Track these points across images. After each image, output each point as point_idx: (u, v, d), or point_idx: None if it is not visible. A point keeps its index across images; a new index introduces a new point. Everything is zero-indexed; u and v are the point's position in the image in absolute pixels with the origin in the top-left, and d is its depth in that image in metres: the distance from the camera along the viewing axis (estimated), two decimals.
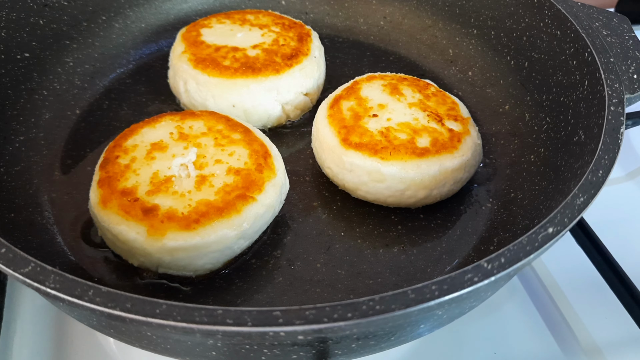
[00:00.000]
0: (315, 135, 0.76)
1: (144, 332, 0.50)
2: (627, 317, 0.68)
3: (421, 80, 0.81)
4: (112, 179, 0.64)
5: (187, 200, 0.62)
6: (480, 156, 0.76)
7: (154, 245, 0.59)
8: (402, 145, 0.70)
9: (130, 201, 0.61)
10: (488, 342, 0.68)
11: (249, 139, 0.70)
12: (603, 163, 0.57)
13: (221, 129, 0.70)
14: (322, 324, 0.43)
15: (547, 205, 0.65)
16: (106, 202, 0.62)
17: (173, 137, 0.69)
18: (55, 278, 0.46)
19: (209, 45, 0.83)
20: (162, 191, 0.63)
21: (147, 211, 0.61)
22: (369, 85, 0.79)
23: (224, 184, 0.64)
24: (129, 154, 0.67)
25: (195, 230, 0.60)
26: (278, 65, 0.81)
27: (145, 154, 0.67)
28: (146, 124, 0.71)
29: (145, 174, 0.64)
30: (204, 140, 0.69)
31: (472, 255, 0.69)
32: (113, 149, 0.67)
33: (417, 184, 0.69)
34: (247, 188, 0.64)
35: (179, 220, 0.60)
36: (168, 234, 0.59)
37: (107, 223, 0.61)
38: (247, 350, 0.50)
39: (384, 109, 0.75)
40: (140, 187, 0.63)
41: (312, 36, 0.88)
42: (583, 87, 0.69)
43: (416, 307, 0.44)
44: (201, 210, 0.61)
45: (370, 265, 0.68)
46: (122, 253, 0.63)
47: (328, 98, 0.79)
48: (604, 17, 0.77)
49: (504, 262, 0.48)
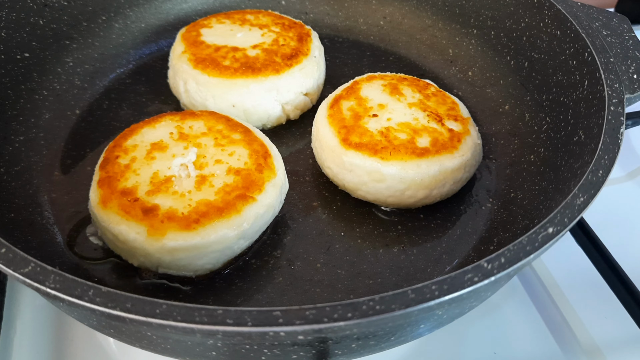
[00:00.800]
0: (315, 135, 0.76)
1: (144, 332, 0.50)
2: (627, 317, 0.68)
3: (421, 80, 0.81)
4: (112, 179, 0.64)
5: (187, 200, 0.62)
6: (481, 156, 0.76)
7: (154, 245, 0.59)
8: (402, 145, 0.70)
9: (130, 201, 0.61)
10: (488, 342, 0.68)
11: (249, 139, 0.70)
12: (603, 163, 0.57)
13: (221, 129, 0.70)
14: (322, 324, 0.43)
15: (547, 205, 0.65)
16: (106, 202, 0.62)
17: (173, 137, 0.69)
18: (55, 278, 0.46)
19: (209, 45, 0.83)
20: (162, 191, 0.63)
21: (147, 211, 0.60)
22: (369, 85, 0.79)
23: (224, 184, 0.64)
24: (129, 153, 0.67)
25: (195, 230, 0.60)
26: (278, 65, 0.81)
27: (145, 154, 0.67)
28: (146, 124, 0.71)
29: (145, 174, 0.64)
30: (204, 140, 0.69)
31: (472, 255, 0.69)
32: (113, 149, 0.67)
33: (417, 184, 0.69)
34: (247, 188, 0.64)
35: (179, 220, 0.60)
36: (168, 234, 0.59)
37: (107, 223, 0.61)
38: (247, 350, 0.50)
39: (384, 109, 0.75)
40: (140, 187, 0.63)
41: (312, 36, 0.88)
42: (583, 87, 0.69)
43: (416, 307, 0.44)
44: (201, 210, 0.61)
45: (370, 265, 0.68)
46: (122, 253, 0.63)
47: (328, 98, 0.79)
48: (604, 17, 0.77)
49: (504, 262, 0.48)
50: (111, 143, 0.69)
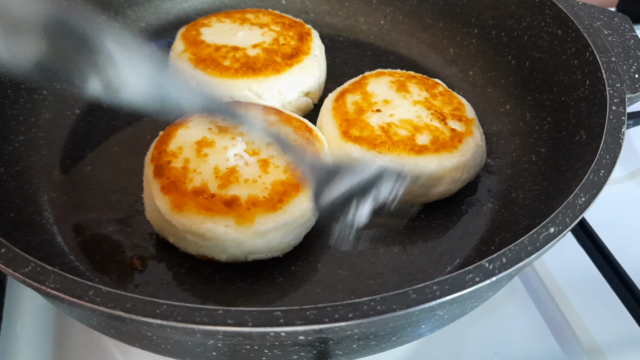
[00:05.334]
0: (319, 127, 0.77)
1: (144, 332, 0.50)
2: (628, 317, 0.68)
3: (430, 79, 0.81)
4: (176, 182, 0.63)
5: (261, 184, 0.64)
6: (483, 158, 0.75)
7: (245, 233, 0.61)
8: (401, 141, 0.70)
9: (207, 198, 0.62)
10: (489, 342, 0.68)
11: (285, 118, 0.71)
12: (604, 163, 0.57)
13: (255, 115, 0.70)
14: (323, 324, 0.43)
15: (548, 205, 0.65)
16: (181, 206, 0.62)
17: (213, 131, 0.69)
18: (55, 278, 0.45)
19: (209, 44, 0.83)
20: (233, 182, 0.63)
21: (229, 203, 0.62)
22: (376, 81, 0.79)
23: (287, 162, 0.65)
24: (178, 156, 0.66)
25: (281, 208, 0.62)
26: (278, 64, 0.81)
27: (196, 153, 0.66)
28: (178, 127, 0.69)
29: (207, 170, 0.65)
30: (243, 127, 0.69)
31: (473, 255, 0.69)
32: (160, 156, 0.66)
33: (412, 181, 0.69)
34: None
35: (264, 203, 0.62)
36: (257, 219, 0.61)
37: (188, 225, 0.61)
38: (247, 351, 0.50)
39: (388, 105, 0.75)
40: (209, 183, 0.63)
41: (312, 35, 0.88)
42: (584, 86, 0.69)
43: (418, 307, 0.44)
44: (280, 190, 0.63)
45: (371, 265, 0.67)
46: (207, 251, 0.63)
47: (335, 91, 0.79)
48: (605, 17, 0.77)
49: (506, 262, 0.47)
50: (153, 152, 0.68)
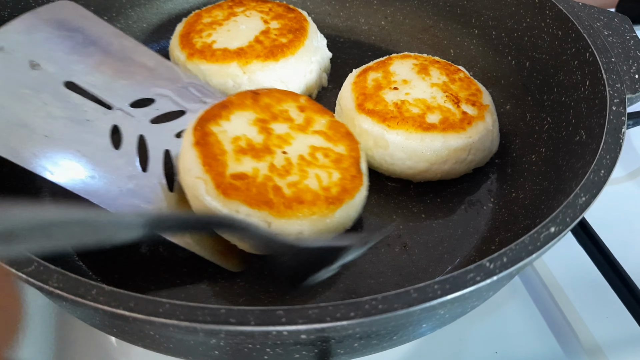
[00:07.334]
0: (339, 99, 0.80)
1: (146, 331, 0.50)
2: (628, 316, 0.68)
3: (453, 65, 0.82)
4: (249, 185, 0.60)
5: (327, 178, 0.64)
6: (494, 145, 0.77)
7: (329, 225, 0.62)
8: (411, 117, 0.73)
9: (286, 201, 0.60)
10: (489, 341, 0.68)
11: (312, 104, 0.72)
12: (605, 163, 0.57)
13: (286, 109, 0.70)
14: (325, 323, 0.43)
15: (548, 204, 0.65)
16: (280, 212, 0.59)
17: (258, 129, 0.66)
18: (58, 277, 0.46)
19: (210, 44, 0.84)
20: (300, 184, 0.62)
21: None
22: (400, 62, 0.81)
23: (337, 153, 0.67)
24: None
25: (353, 197, 0.63)
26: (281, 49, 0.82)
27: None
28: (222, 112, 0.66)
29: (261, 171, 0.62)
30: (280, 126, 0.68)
31: (474, 255, 0.69)
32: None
33: (418, 156, 0.72)
34: (352, 148, 0.68)
35: (338, 195, 0.62)
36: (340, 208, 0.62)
37: (287, 230, 0.59)
38: (249, 350, 0.50)
39: (406, 84, 0.77)
40: (282, 189, 0.61)
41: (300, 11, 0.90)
42: (584, 87, 0.69)
43: (419, 307, 0.44)
44: (349, 177, 0.65)
45: (371, 264, 0.68)
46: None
47: (359, 68, 0.82)
48: (605, 17, 0.78)
49: (506, 261, 0.48)
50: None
